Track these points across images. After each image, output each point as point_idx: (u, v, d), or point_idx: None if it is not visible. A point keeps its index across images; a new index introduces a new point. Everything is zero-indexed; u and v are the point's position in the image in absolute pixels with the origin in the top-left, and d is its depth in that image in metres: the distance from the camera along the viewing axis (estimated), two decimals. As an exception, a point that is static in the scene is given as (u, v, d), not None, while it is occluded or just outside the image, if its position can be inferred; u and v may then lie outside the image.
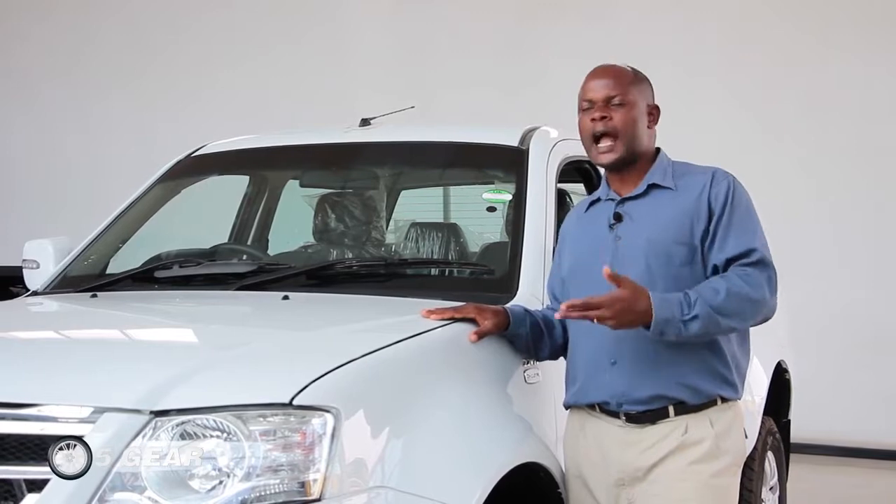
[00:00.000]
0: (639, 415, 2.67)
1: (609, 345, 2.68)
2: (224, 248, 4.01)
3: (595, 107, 2.74)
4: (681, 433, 2.64)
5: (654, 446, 2.66)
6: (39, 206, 9.43)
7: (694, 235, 2.66)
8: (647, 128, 2.78)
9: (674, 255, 2.65)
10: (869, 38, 7.37)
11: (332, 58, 8.77)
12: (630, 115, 2.74)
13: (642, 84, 2.81)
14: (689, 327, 2.52)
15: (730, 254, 2.62)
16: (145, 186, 3.97)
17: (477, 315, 2.76)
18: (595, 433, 2.75)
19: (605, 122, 2.73)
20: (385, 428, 2.31)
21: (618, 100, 2.73)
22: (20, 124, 9.77)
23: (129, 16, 9.50)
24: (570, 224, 2.97)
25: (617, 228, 2.74)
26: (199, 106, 8.89)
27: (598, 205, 2.85)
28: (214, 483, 2.14)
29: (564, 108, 7.34)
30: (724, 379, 2.68)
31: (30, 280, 3.73)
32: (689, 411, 2.65)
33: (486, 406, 2.67)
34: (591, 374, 2.74)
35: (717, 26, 7.67)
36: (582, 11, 8.07)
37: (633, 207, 2.75)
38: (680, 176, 2.75)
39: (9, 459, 2.19)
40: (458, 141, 3.83)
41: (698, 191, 2.69)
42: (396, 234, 4.28)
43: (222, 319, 3.12)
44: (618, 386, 2.67)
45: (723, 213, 2.65)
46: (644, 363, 2.64)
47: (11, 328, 3.04)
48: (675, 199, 2.71)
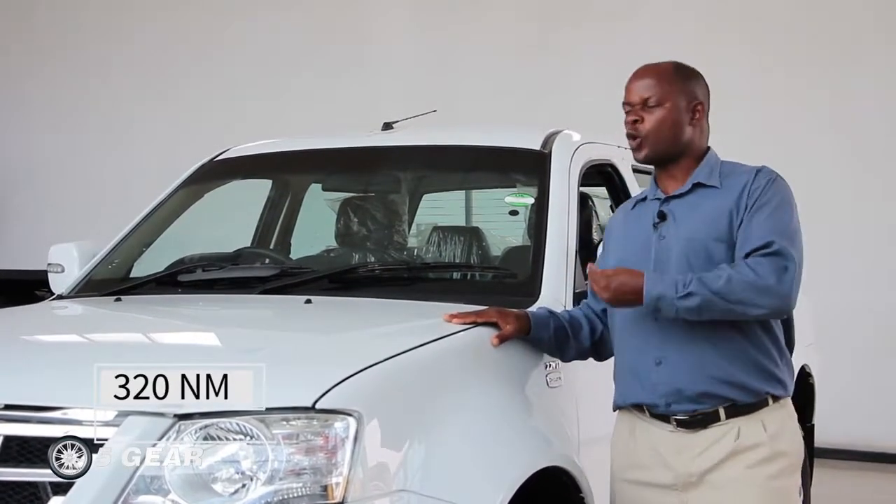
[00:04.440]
0: (689, 418, 2.64)
1: (653, 345, 2.66)
2: (247, 251, 4.02)
3: (632, 109, 2.75)
4: (733, 437, 2.60)
5: (707, 450, 2.62)
6: (65, 212, 9.48)
7: (732, 232, 2.63)
8: (688, 125, 2.74)
9: (713, 252, 2.62)
10: (883, 45, 7.34)
11: (354, 64, 8.78)
12: (662, 117, 2.71)
13: (685, 81, 2.78)
14: (685, 305, 2.53)
15: (750, 247, 2.59)
16: (169, 190, 3.99)
17: (499, 319, 2.77)
18: (646, 438, 2.71)
19: (635, 126, 2.73)
20: (407, 432, 2.31)
21: (653, 101, 2.72)
22: (47, 130, 9.83)
23: (156, 24, 9.55)
24: (616, 221, 2.95)
25: (661, 228, 2.72)
26: (223, 112, 8.92)
27: (645, 203, 2.82)
28: (237, 486, 2.15)
29: (587, 113, 7.35)
30: (771, 375, 2.65)
31: (55, 284, 3.74)
32: (740, 413, 2.61)
33: (507, 410, 2.67)
34: (636, 374, 2.71)
35: (741, 29, 7.64)
36: (604, 16, 8.06)
37: (677, 206, 2.72)
38: (727, 175, 2.72)
39: (34, 462, 2.21)
40: (480, 144, 3.82)
41: (740, 188, 2.66)
42: (419, 238, 4.29)
43: (245, 323, 3.13)
44: (665, 386, 2.65)
45: (752, 207, 2.62)
46: (689, 362, 2.62)
47: (37, 332, 3.06)
48: (718, 197, 2.68)
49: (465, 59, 8.43)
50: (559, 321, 2.86)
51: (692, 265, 2.62)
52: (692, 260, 2.63)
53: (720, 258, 2.62)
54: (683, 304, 2.53)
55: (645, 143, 2.72)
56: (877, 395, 7.23)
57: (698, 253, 2.63)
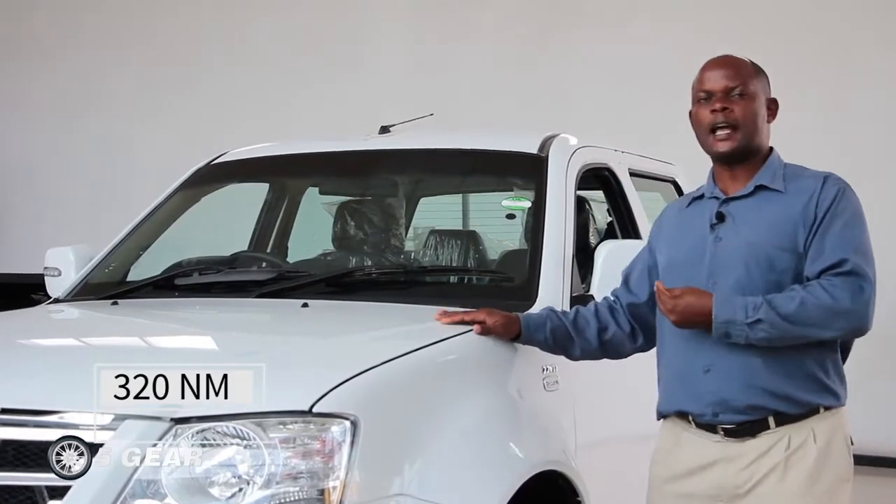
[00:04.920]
0: (737, 428, 2.55)
1: (703, 351, 2.56)
2: (244, 255, 4.02)
3: (715, 97, 2.61)
4: (783, 448, 2.52)
5: (755, 463, 2.53)
6: (62, 215, 9.47)
7: (798, 243, 2.52)
8: (765, 122, 2.65)
9: (776, 260, 2.53)
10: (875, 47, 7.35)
11: (351, 68, 8.78)
12: (752, 108, 2.60)
13: (761, 76, 2.67)
14: (755, 331, 2.45)
15: (823, 265, 2.49)
16: (166, 194, 3.99)
17: (487, 317, 2.76)
18: (692, 448, 2.63)
19: (727, 114, 2.59)
20: (404, 435, 2.31)
21: (739, 90, 2.60)
22: (44, 133, 9.82)
23: (155, 28, 9.54)
24: (668, 216, 2.86)
25: (718, 229, 2.61)
26: (221, 115, 8.91)
27: (702, 202, 2.71)
28: (234, 490, 2.15)
29: (584, 116, 7.35)
30: (824, 387, 2.55)
31: (51, 287, 3.74)
32: (790, 421, 2.53)
33: (504, 413, 2.67)
34: (683, 381, 2.63)
35: (739, 34, 7.64)
36: (602, 20, 8.05)
37: (737, 208, 2.62)
38: (791, 179, 2.61)
39: (31, 466, 2.21)
40: (477, 148, 3.82)
41: (807, 196, 2.55)
42: (416, 242, 4.29)
43: (242, 327, 3.13)
44: (712, 395, 2.55)
45: (822, 221, 2.52)
46: (739, 372, 2.52)
47: (33, 335, 3.06)
48: (783, 202, 2.57)
49: (463, 62, 8.43)
50: (560, 321, 2.82)
51: (751, 271, 2.54)
52: (752, 266, 2.54)
53: (783, 267, 2.53)
54: (754, 330, 2.45)
55: (738, 132, 2.59)
56: (874, 399, 7.22)
57: (759, 259, 2.53)
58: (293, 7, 9.10)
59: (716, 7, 7.80)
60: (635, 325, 2.83)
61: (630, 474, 3.31)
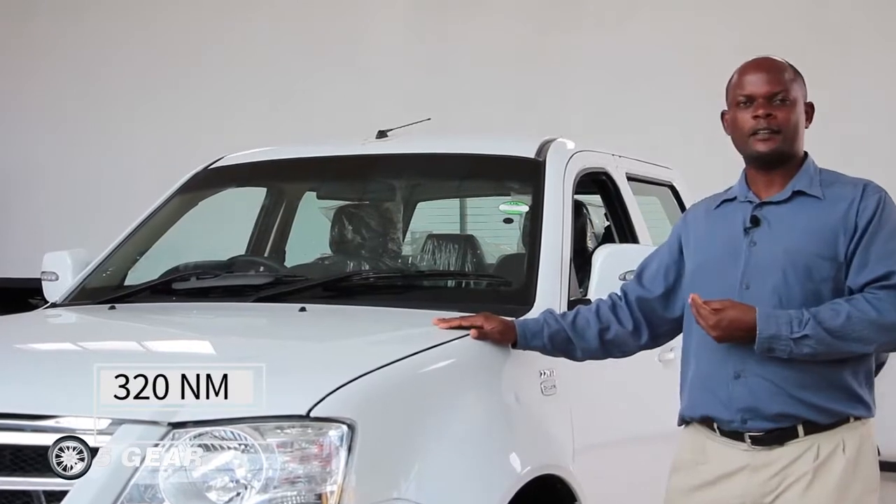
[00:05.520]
0: (765, 436, 2.50)
1: (733, 356, 2.50)
2: (241, 259, 4.02)
3: (757, 103, 2.53)
4: (812, 458, 2.47)
5: (783, 472, 2.49)
6: (59, 219, 9.46)
7: (839, 252, 2.47)
8: (804, 128, 2.59)
9: (815, 268, 2.47)
10: (875, 46, 7.36)
11: (349, 72, 8.78)
12: (794, 114, 2.54)
13: (800, 80, 2.60)
14: (801, 347, 2.40)
15: (866, 278, 2.45)
16: (163, 199, 3.98)
17: (484, 322, 2.76)
18: (718, 457, 2.57)
19: (770, 121, 2.52)
20: (401, 440, 2.31)
21: (781, 96, 2.53)
22: (42, 136, 9.81)
23: (153, 30, 9.52)
24: (696, 217, 2.77)
25: (753, 233, 2.55)
26: (216, 119, 8.91)
27: (733, 204, 2.64)
28: (232, 495, 2.15)
29: (583, 118, 7.34)
30: (856, 397, 2.51)
31: (48, 292, 3.74)
32: (820, 430, 2.48)
33: (502, 417, 2.67)
34: (710, 385, 2.57)
35: (739, 35, 7.65)
36: (601, 22, 8.05)
37: (773, 213, 2.55)
38: (828, 185, 2.55)
39: (27, 471, 2.21)
40: (474, 152, 3.82)
41: (847, 204, 2.49)
42: (413, 246, 4.29)
43: (240, 331, 3.13)
44: (741, 401, 2.50)
45: (865, 232, 2.46)
46: (771, 379, 2.47)
47: (30, 340, 3.05)
48: (821, 209, 2.51)
49: (460, 66, 8.43)
50: (558, 325, 2.79)
51: (788, 279, 2.48)
52: (789, 273, 2.48)
53: (822, 276, 2.48)
54: (799, 346, 2.40)
55: (778, 137, 2.52)
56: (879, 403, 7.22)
57: (798, 267, 2.48)
58: (292, 9, 9.10)
59: (715, 8, 7.80)
60: (641, 322, 2.78)
61: (628, 478, 3.31)
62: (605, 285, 2.98)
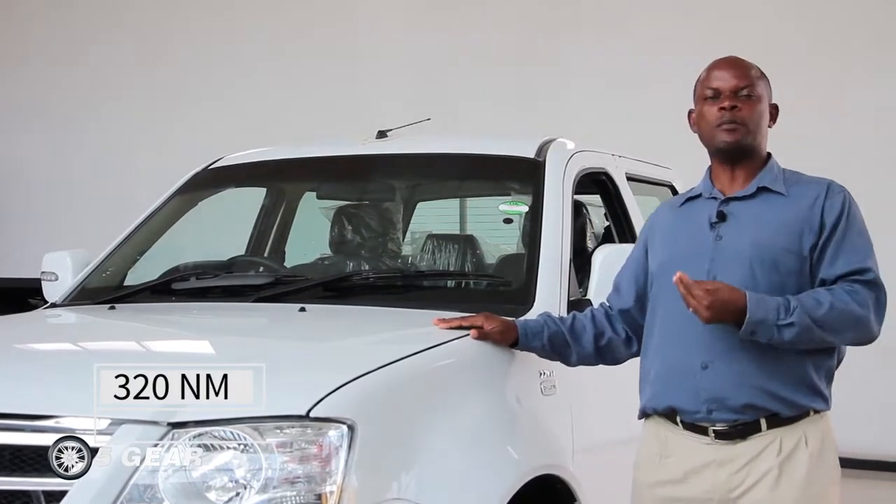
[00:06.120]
0: (729, 429, 2.55)
1: (702, 347, 2.55)
2: (241, 260, 4.02)
3: (723, 96, 2.62)
4: (775, 452, 2.52)
5: (748, 466, 2.53)
6: (59, 219, 9.47)
7: (804, 246, 2.55)
8: (767, 126, 2.68)
9: (781, 262, 2.54)
10: (873, 50, 7.36)
11: (349, 72, 8.78)
12: (758, 108, 2.63)
13: (766, 81, 2.69)
14: (783, 333, 2.44)
15: (841, 270, 2.52)
16: (163, 199, 3.98)
17: (485, 322, 2.76)
18: (681, 451, 2.61)
19: (735, 112, 2.60)
20: (401, 440, 2.31)
21: (746, 91, 2.62)
22: (40, 138, 9.82)
23: (152, 31, 9.54)
24: (661, 217, 2.84)
25: (719, 228, 2.61)
26: (216, 119, 8.91)
27: (698, 201, 2.71)
28: (231, 495, 2.15)
29: (582, 120, 7.34)
30: (817, 390, 2.57)
31: (48, 292, 3.74)
32: (782, 424, 2.54)
33: (501, 418, 2.67)
34: (677, 376, 2.60)
35: (738, 40, 7.64)
36: (600, 25, 8.06)
37: (739, 208, 2.63)
38: (792, 183, 2.64)
39: (27, 471, 2.21)
40: (474, 153, 3.82)
41: (811, 201, 2.58)
42: (413, 246, 4.29)
43: (239, 331, 3.13)
44: (708, 391, 2.54)
45: (835, 229, 2.55)
46: (738, 368, 2.52)
47: (30, 340, 3.05)
48: (786, 205, 2.60)
49: (460, 67, 8.43)
50: (557, 327, 2.81)
51: (755, 272, 2.54)
52: (756, 266, 2.54)
53: (788, 268, 2.54)
54: (781, 333, 2.45)
55: (742, 129, 2.60)
56: (871, 403, 7.23)
57: (765, 260, 2.54)
58: (293, 9, 9.10)
59: (715, 10, 7.81)
60: (630, 332, 2.82)
61: (627, 478, 3.31)
62: (604, 285, 2.98)
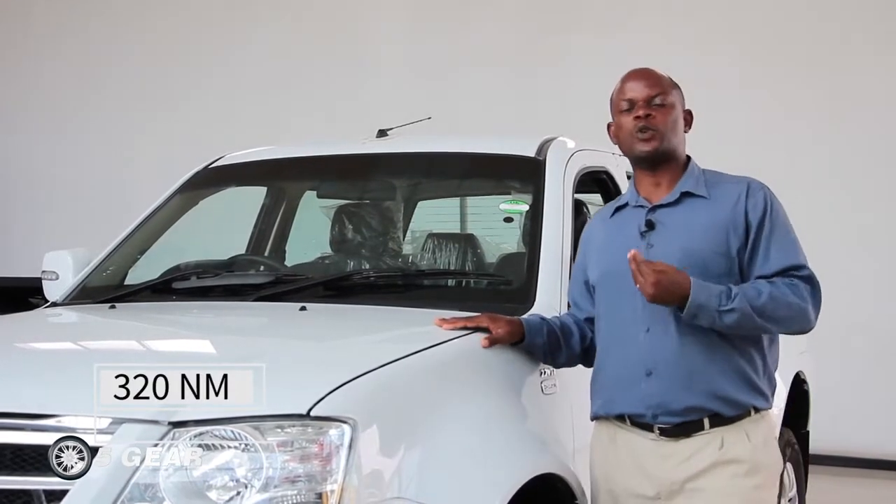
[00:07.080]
0: (673, 428, 2.64)
1: (644, 355, 2.65)
2: (242, 259, 4.02)
3: (637, 106, 2.73)
4: (717, 447, 2.62)
5: (690, 459, 2.63)
6: (60, 218, 9.47)
7: (730, 247, 2.65)
8: (683, 131, 2.79)
9: (711, 264, 2.63)
10: (887, 44, 7.35)
11: (350, 72, 8.79)
12: (672, 115, 2.73)
13: (678, 89, 2.81)
14: (724, 318, 2.54)
15: (777, 267, 2.63)
16: (163, 198, 3.99)
17: (490, 324, 2.77)
18: (628, 446, 2.71)
19: (649, 120, 2.71)
20: (402, 439, 2.31)
21: (659, 100, 2.73)
22: (42, 136, 9.82)
23: (155, 31, 9.54)
24: (594, 230, 2.93)
25: (649, 236, 2.71)
26: (217, 118, 8.92)
27: (626, 211, 2.82)
28: (232, 494, 2.15)
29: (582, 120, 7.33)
30: (756, 388, 2.67)
31: (49, 291, 3.74)
32: (725, 423, 2.63)
33: (502, 417, 2.67)
34: (623, 384, 2.70)
35: (738, 37, 7.65)
36: (599, 25, 8.06)
37: (666, 215, 2.72)
38: (713, 185, 2.73)
39: (28, 471, 2.21)
40: (475, 152, 3.83)
41: (733, 201, 2.68)
42: (413, 245, 4.29)
43: (240, 330, 3.13)
44: (653, 397, 2.64)
45: (762, 227, 2.65)
46: (681, 375, 2.62)
47: (31, 339, 3.05)
48: (709, 208, 2.69)
49: (461, 66, 8.43)
50: (551, 327, 2.85)
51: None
52: (687, 271, 2.59)
53: (718, 270, 2.63)
54: (722, 318, 2.54)
55: (658, 136, 2.71)
56: (871, 402, 7.23)
57: (695, 264, 2.61)
58: (293, 11, 9.11)
59: (714, 12, 7.81)
60: None
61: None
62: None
